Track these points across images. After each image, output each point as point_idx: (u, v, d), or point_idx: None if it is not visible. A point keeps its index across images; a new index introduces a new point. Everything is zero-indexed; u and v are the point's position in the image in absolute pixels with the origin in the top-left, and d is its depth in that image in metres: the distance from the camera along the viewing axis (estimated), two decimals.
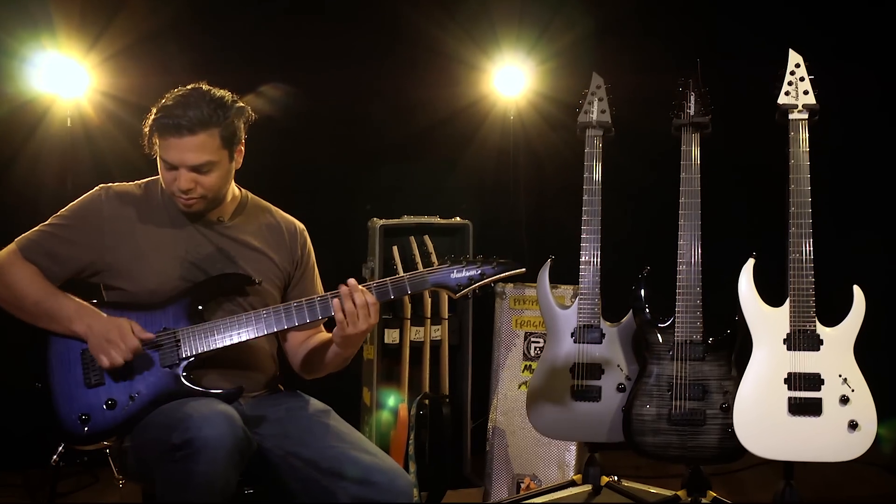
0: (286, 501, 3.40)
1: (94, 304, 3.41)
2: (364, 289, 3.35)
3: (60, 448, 3.37)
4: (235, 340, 3.39)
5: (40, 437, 3.38)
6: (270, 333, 3.43)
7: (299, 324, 3.41)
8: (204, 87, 3.44)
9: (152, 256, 3.48)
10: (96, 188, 3.56)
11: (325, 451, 3.35)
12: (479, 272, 3.41)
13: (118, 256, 3.47)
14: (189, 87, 3.44)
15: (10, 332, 3.45)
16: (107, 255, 3.46)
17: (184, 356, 3.37)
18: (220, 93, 3.44)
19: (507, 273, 3.45)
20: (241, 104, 3.49)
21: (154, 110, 3.39)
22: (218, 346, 3.38)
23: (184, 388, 3.34)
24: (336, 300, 3.34)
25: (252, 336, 3.40)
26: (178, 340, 3.37)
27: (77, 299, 3.41)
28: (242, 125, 3.48)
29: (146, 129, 3.41)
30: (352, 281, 3.35)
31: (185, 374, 3.36)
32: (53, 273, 3.44)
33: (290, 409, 3.53)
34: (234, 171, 3.54)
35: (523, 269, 3.45)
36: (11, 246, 3.47)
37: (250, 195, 3.72)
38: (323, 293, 3.55)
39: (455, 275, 3.41)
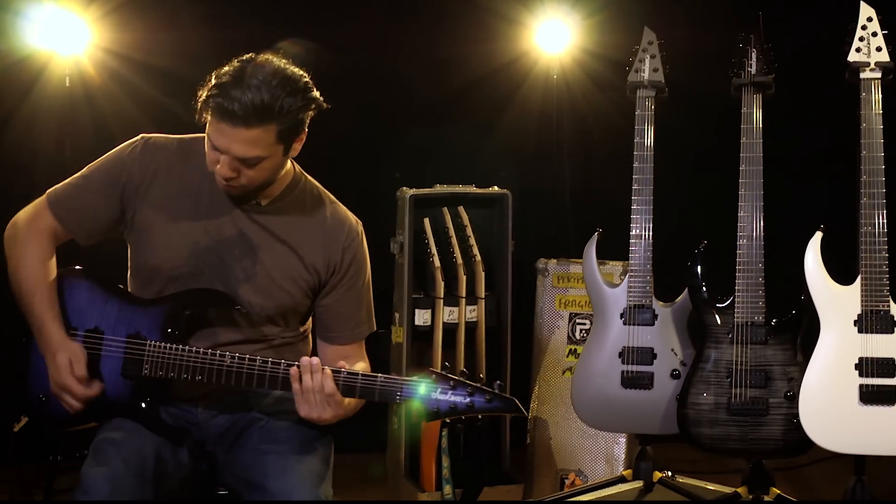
0: None
1: (78, 269, 3.48)
2: (328, 372, 3.20)
3: (24, 419, 3.44)
4: (190, 378, 3.34)
5: (34, 432, 3.46)
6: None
7: (245, 388, 3.30)
8: (275, 61, 3.24)
9: (165, 226, 3.41)
10: (137, 137, 3.49)
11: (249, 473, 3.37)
12: (468, 402, 3.14)
13: (134, 216, 3.42)
14: (260, 59, 3.23)
15: None
16: (127, 212, 3.42)
17: (144, 374, 3.34)
18: (292, 74, 3.25)
19: (499, 413, 3.19)
20: (314, 93, 3.31)
21: (212, 80, 3.19)
22: (177, 377, 3.34)
23: (136, 402, 3.36)
24: (294, 368, 3.22)
25: (207, 382, 3.32)
26: (144, 354, 3.34)
27: (48, 310, 3.39)
28: (308, 116, 3.32)
29: (200, 97, 3.21)
30: (315, 358, 3.23)
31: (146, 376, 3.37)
32: (83, 230, 3.45)
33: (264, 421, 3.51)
34: (288, 161, 3.43)
35: (524, 414, 3.20)
36: (41, 199, 3.50)
37: (309, 179, 3.59)
38: (367, 315, 3.60)
39: (437, 395, 3.17)
